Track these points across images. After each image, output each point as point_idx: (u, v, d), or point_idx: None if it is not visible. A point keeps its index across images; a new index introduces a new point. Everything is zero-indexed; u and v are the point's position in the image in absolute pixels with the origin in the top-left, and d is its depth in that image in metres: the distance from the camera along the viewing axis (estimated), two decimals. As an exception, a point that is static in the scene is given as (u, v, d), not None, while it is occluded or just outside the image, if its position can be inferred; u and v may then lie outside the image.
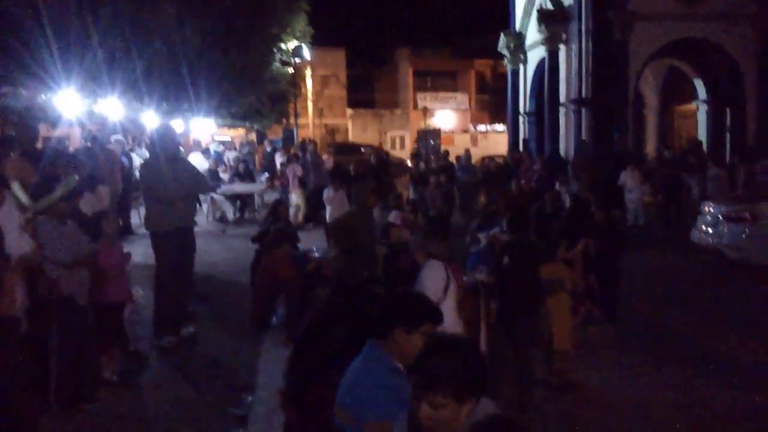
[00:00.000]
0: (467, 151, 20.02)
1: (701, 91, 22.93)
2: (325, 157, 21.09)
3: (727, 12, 20.10)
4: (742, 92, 20.87)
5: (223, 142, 26.59)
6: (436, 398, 2.14)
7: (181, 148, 8.98)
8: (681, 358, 7.14)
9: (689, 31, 20.30)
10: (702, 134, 22.74)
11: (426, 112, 44.76)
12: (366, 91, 48.18)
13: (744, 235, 10.93)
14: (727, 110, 21.57)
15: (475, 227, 8.74)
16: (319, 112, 43.40)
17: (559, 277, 6.35)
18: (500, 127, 40.95)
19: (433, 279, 4.97)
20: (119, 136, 14.77)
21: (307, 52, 25.87)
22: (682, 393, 6.19)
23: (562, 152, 21.47)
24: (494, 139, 41.83)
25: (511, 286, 5.75)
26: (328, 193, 11.86)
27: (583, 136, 20.43)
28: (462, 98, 47.20)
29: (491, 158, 27.77)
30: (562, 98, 22.19)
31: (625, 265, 8.31)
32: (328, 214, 11.63)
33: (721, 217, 11.44)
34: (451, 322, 4.53)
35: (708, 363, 6.99)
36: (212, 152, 20.87)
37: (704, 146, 20.79)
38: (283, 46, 25.08)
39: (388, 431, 2.51)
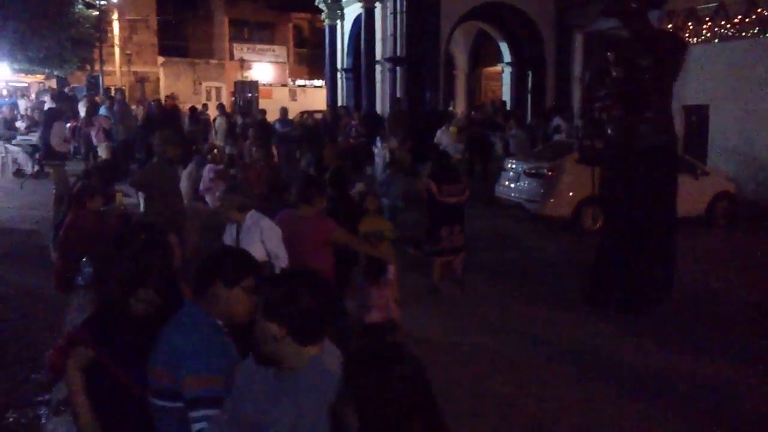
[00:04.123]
0: (284, 109, 19.83)
1: (506, 54, 24.32)
2: (133, 107, 19.94)
3: (531, -21, 21.40)
4: (542, 56, 22.43)
5: (19, 88, 24.27)
6: (274, 328, 2.23)
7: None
8: (482, 305, 7.77)
9: (496, -5, 21.37)
10: (506, 95, 24.22)
11: (243, 63, 43.59)
12: (179, 38, 45.90)
13: (542, 190, 11.88)
14: (529, 73, 23.11)
15: None
16: (128, 59, 40.78)
17: (378, 227, 6.59)
18: (319, 82, 40.86)
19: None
20: None
21: (114, -6, 24.23)
22: (484, 336, 6.74)
23: (378, 109, 21.94)
24: (313, 94, 41.70)
25: None
26: None
27: (398, 94, 20.98)
28: (280, 51, 46.44)
29: (310, 113, 27.76)
30: (379, 56, 22.56)
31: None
32: None
33: (522, 173, 12.34)
34: None
35: (507, 312, 7.64)
36: (5, 99, 18.99)
37: (508, 106, 22.20)
38: (87, -14, 23.26)
39: (212, 384, 2.52)
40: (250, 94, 36.54)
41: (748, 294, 8.22)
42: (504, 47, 24.31)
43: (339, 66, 27.13)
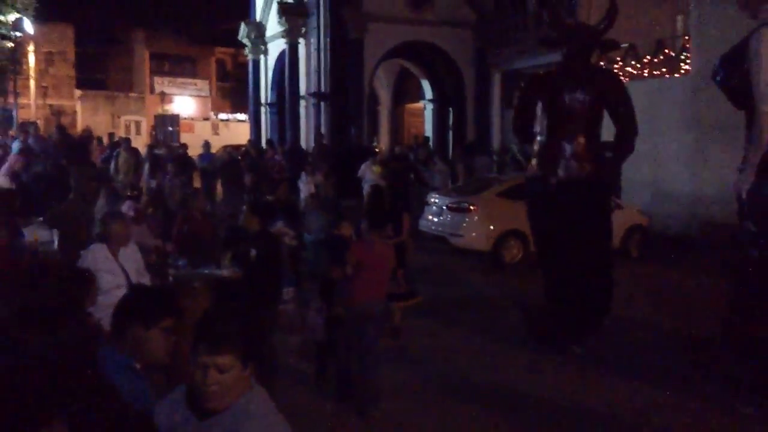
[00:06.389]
0: (206, 143, 19.59)
1: (428, 91, 24.84)
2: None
3: (451, 19, 22.01)
4: (462, 94, 23.01)
5: None
6: (224, 359, 2.24)
7: None
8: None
9: (417, 34, 21.86)
10: (429, 131, 24.68)
11: (164, 97, 42.96)
12: (98, 71, 44.87)
13: (464, 224, 12.10)
14: (450, 110, 23.65)
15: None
16: (43, 92, 39.57)
17: None
18: (242, 116, 40.58)
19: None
20: None
21: (29, 26, 23.59)
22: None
23: (303, 144, 21.99)
24: (236, 128, 41.35)
25: (256, 277, 5.73)
26: None
27: (322, 129, 21.07)
28: (202, 85, 45.97)
29: (233, 147, 27.47)
30: (303, 91, 22.66)
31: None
32: None
33: (444, 208, 12.54)
34: None
35: (430, 332, 7.80)
36: None
37: (431, 142, 22.62)
38: (1, 17, 22.60)
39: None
40: (170, 128, 35.95)
41: (665, 321, 8.61)
42: (426, 84, 24.83)
43: (263, 100, 27.07)
